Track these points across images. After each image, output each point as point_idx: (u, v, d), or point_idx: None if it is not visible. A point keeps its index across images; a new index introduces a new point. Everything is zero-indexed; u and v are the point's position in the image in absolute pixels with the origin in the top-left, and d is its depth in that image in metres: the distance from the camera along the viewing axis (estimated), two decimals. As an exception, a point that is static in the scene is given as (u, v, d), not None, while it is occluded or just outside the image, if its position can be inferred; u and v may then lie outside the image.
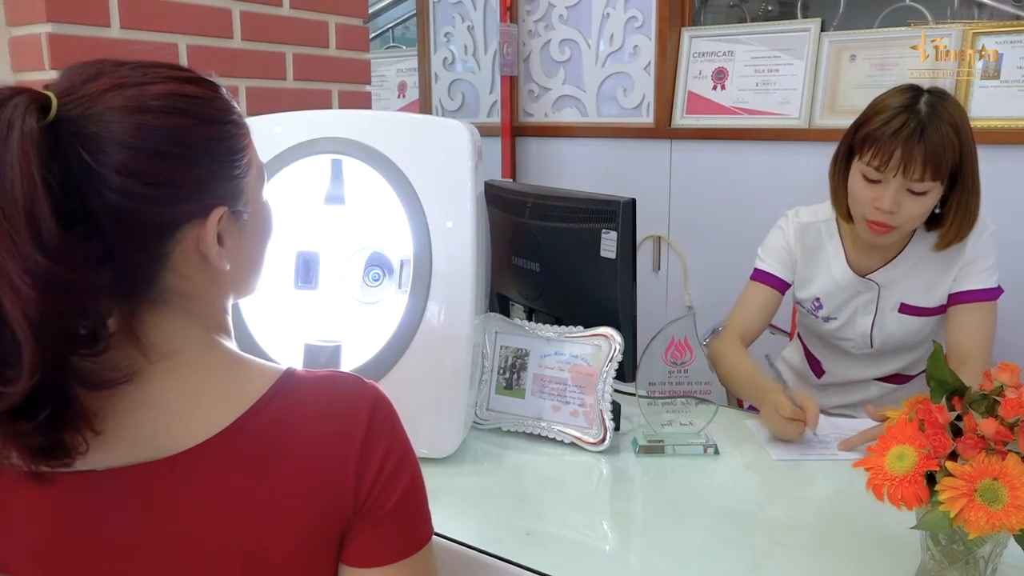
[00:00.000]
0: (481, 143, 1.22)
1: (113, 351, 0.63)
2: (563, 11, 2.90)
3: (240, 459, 0.65)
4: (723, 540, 1.01)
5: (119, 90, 0.61)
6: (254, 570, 0.65)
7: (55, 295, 0.56)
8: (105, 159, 0.59)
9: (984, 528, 0.74)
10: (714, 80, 2.66)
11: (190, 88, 0.65)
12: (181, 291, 0.67)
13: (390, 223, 1.20)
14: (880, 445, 0.83)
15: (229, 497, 0.65)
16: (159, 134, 0.61)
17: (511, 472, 1.19)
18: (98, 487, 0.64)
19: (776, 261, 1.56)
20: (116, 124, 0.59)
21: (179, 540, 0.65)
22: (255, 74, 1.81)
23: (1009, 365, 0.82)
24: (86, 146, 0.58)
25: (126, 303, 0.65)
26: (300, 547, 0.66)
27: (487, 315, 1.33)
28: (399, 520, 0.70)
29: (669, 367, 1.24)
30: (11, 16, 1.51)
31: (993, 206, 2.19)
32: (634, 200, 1.26)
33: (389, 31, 3.70)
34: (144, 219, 0.62)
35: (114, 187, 0.59)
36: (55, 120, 0.58)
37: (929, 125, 1.29)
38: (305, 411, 0.68)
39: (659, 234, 2.79)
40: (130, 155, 0.59)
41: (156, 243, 0.64)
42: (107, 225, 0.59)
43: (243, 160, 0.69)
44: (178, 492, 0.65)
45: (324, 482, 0.66)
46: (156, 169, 0.61)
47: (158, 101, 0.62)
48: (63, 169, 0.57)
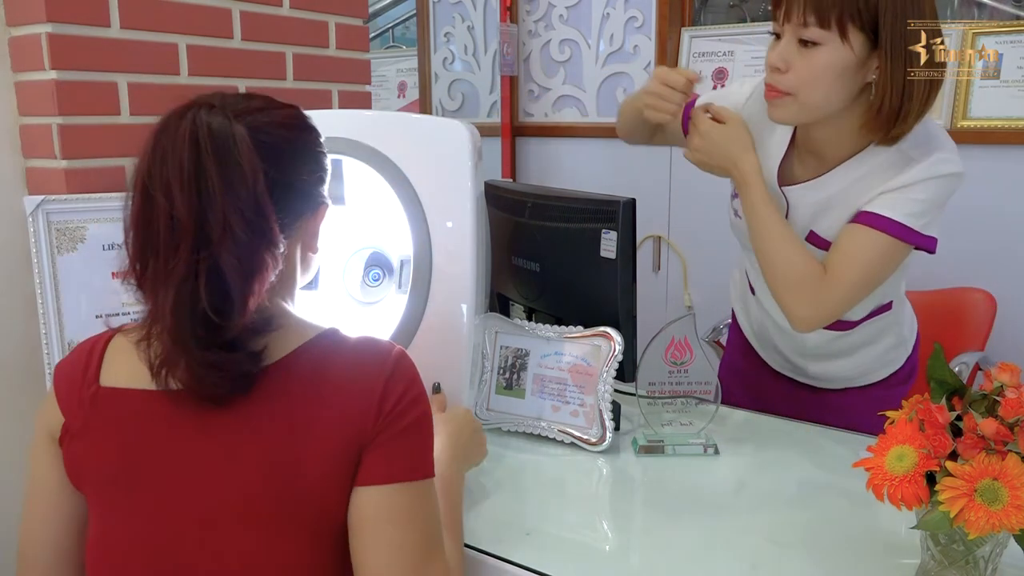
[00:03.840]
0: (481, 143, 1.22)
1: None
2: (563, 11, 2.90)
3: (289, 383, 0.78)
4: (723, 540, 1.01)
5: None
6: (291, 480, 0.76)
7: (264, 244, 0.75)
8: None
9: (984, 528, 0.74)
10: (714, 80, 2.65)
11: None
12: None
13: (390, 223, 1.20)
14: (880, 445, 0.83)
15: (278, 414, 0.77)
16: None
17: (511, 472, 1.19)
18: (179, 402, 0.77)
19: (721, 98, 1.33)
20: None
21: (237, 449, 0.77)
22: (255, 74, 1.81)
23: (1009, 365, 0.82)
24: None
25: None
26: (329, 462, 0.77)
27: (487, 315, 1.33)
28: (405, 443, 0.80)
29: (669, 367, 1.24)
30: (11, 16, 1.51)
31: (993, 206, 2.20)
32: (634, 200, 1.26)
33: (389, 31, 3.70)
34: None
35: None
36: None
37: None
38: (344, 354, 0.81)
39: (659, 234, 2.79)
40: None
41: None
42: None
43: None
44: (239, 407, 0.77)
45: (353, 408, 0.78)
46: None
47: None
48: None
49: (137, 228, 0.76)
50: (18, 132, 1.57)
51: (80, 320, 1.49)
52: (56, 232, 1.47)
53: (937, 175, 1.15)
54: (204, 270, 0.72)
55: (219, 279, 0.73)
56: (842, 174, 1.21)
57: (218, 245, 0.72)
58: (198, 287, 0.72)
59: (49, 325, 1.46)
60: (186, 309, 0.73)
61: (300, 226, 0.84)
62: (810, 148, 1.25)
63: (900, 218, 1.15)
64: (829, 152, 1.23)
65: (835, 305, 1.20)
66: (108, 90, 1.56)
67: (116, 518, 0.80)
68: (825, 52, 1.10)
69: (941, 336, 1.53)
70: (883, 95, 1.11)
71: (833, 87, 1.13)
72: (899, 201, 1.16)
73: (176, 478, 0.78)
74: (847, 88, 1.13)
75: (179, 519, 0.78)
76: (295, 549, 0.78)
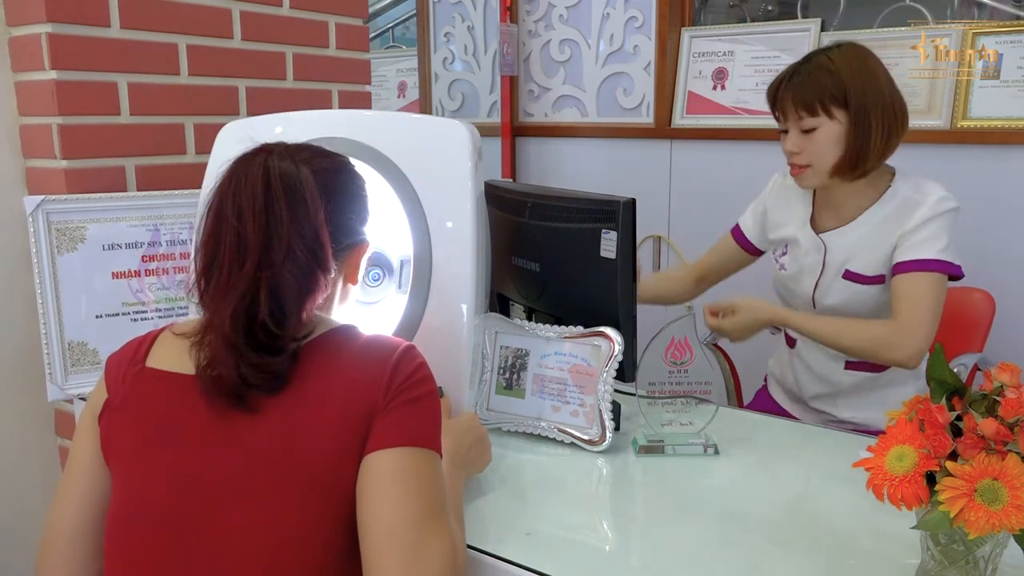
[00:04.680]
0: (481, 143, 1.22)
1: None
2: (563, 11, 2.90)
3: (305, 365, 0.85)
4: (723, 540, 1.01)
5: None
6: (300, 451, 0.82)
7: (320, 268, 0.87)
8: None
9: (984, 528, 0.74)
10: (714, 80, 2.66)
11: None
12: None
13: (390, 223, 1.20)
14: (880, 445, 0.83)
15: (292, 391, 0.84)
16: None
17: (511, 472, 1.19)
18: (210, 386, 0.84)
19: (750, 215, 1.72)
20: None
21: (250, 424, 0.83)
22: (255, 74, 1.81)
23: (1009, 365, 0.82)
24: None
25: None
26: (338, 432, 0.82)
27: (487, 315, 1.33)
28: (414, 411, 0.85)
29: (669, 367, 1.24)
30: (11, 16, 1.51)
31: (993, 206, 2.20)
32: (634, 200, 1.26)
33: (389, 31, 3.70)
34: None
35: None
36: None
37: (799, 70, 1.46)
38: (358, 341, 0.90)
39: (659, 234, 2.79)
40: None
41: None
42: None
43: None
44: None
45: (364, 381, 0.85)
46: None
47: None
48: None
49: (207, 247, 0.86)
50: (18, 132, 1.57)
51: (80, 320, 1.50)
52: (56, 232, 1.47)
53: (943, 211, 1.43)
54: (266, 287, 0.83)
55: (278, 295, 0.84)
56: (863, 220, 1.51)
57: (280, 266, 0.84)
58: (258, 300, 0.83)
59: (49, 325, 1.47)
60: (243, 318, 0.83)
61: (345, 259, 0.95)
62: (831, 204, 1.56)
63: (935, 255, 1.42)
64: (846, 205, 1.54)
65: (924, 338, 1.42)
66: (108, 90, 1.56)
67: (133, 488, 0.85)
68: (822, 131, 1.45)
69: (940, 336, 1.53)
70: (854, 152, 1.44)
71: (834, 152, 1.45)
72: (926, 243, 1.43)
73: (191, 450, 0.84)
74: (842, 149, 1.45)
75: (191, 489, 0.83)
76: (301, 520, 0.81)
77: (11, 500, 1.59)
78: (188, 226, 1.59)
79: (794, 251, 1.61)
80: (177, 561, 0.81)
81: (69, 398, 1.49)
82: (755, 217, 1.71)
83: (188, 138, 1.70)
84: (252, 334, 0.83)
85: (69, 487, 0.91)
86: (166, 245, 1.58)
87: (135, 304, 1.55)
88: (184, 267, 1.58)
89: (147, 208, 1.56)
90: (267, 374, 0.83)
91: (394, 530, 0.79)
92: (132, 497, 0.85)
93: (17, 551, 1.58)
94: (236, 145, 0.91)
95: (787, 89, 1.46)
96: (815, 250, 1.57)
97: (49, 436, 1.64)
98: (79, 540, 0.90)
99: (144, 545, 0.83)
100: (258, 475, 0.82)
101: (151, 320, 1.56)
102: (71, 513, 0.90)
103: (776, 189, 1.68)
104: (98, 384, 0.93)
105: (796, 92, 1.45)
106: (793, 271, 1.61)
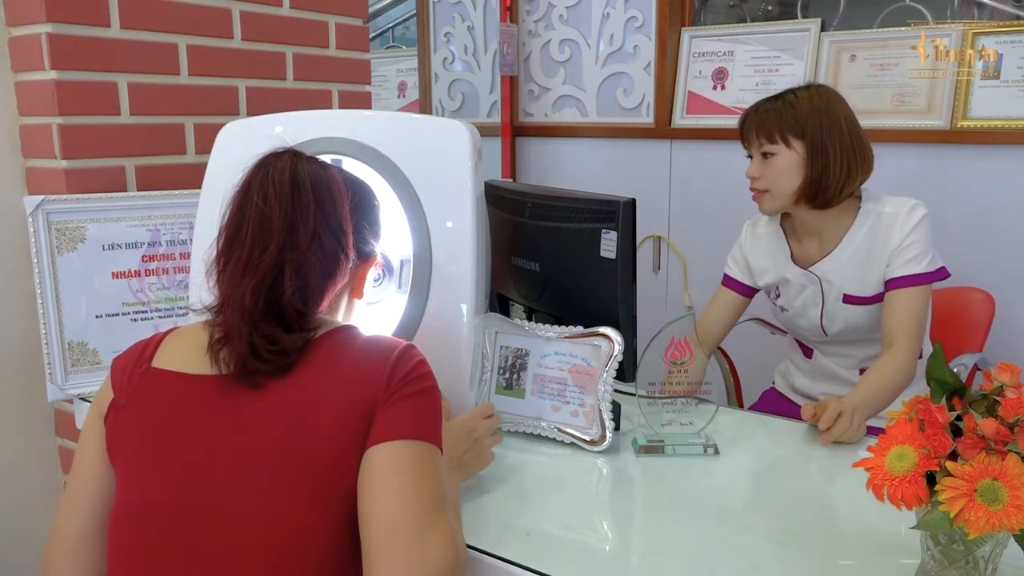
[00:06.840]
0: (481, 143, 1.22)
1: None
2: (563, 11, 2.90)
3: (308, 361, 0.87)
4: (723, 540, 1.01)
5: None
6: (302, 445, 0.83)
7: (343, 253, 0.91)
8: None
9: (984, 528, 0.74)
10: (714, 80, 2.66)
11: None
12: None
13: (390, 223, 1.20)
14: (880, 445, 0.83)
15: (294, 386, 0.85)
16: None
17: (511, 472, 1.19)
18: (214, 384, 0.87)
19: (734, 263, 1.74)
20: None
21: (253, 418, 0.84)
22: (255, 74, 1.81)
23: (1009, 365, 0.82)
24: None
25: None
26: (340, 426, 0.83)
27: (487, 315, 1.33)
28: (415, 405, 0.86)
29: (669, 367, 1.24)
30: (11, 16, 1.51)
31: (993, 206, 2.20)
32: (634, 200, 1.26)
33: (389, 31, 3.70)
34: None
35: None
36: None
37: (763, 105, 1.56)
38: (359, 340, 0.91)
39: (659, 234, 2.79)
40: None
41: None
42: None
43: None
44: (270, 381, 0.86)
45: (365, 377, 0.85)
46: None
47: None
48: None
49: (230, 228, 0.89)
50: (18, 132, 1.57)
51: (80, 320, 1.49)
52: (56, 232, 1.47)
53: (919, 219, 1.51)
54: (291, 267, 0.86)
55: (303, 275, 0.87)
56: (845, 244, 1.57)
57: (306, 250, 0.87)
58: (283, 279, 0.86)
59: (49, 325, 1.46)
60: (266, 295, 0.86)
61: (356, 268, 0.97)
62: (811, 235, 1.62)
63: (921, 270, 1.50)
64: (826, 232, 1.59)
65: (918, 348, 1.50)
66: (108, 90, 1.56)
67: (137, 486, 0.86)
68: (779, 158, 1.53)
69: (940, 336, 1.54)
70: (807, 171, 1.52)
71: (791, 179, 1.53)
72: (917, 258, 1.50)
73: (194, 445, 0.85)
74: (801, 177, 1.53)
75: (194, 487, 0.83)
76: (303, 518, 0.81)
77: (11, 500, 1.59)
78: (188, 226, 1.59)
79: (787, 291, 1.66)
80: (180, 558, 0.82)
81: (69, 398, 1.49)
82: (739, 264, 1.73)
83: (188, 138, 1.70)
84: (273, 311, 0.86)
85: (76, 488, 0.91)
86: (166, 245, 1.58)
87: (135, 304, 1.55)
88: (184, 267, 1.58)
89: (147, 208, 1.56)
90: (276, 350, 0.85)
91: (397, 522, 0.80)
92: (136, 495, 0.86)
93: (18, 550, 1.58)
94: (236, 145, 0.92)
95: (753, 119, 1.57)
96: (810, 284, 1.61)
97: (49, 436, 1.64)
98: (86, 541, 0.90)
99: (147, 543, 0.83)
100: (261, 471, 0.82)
101: (151, 320, 1.56)
102: (78, 514, 0.91)
103: (749, 239, 1.73)
104: (104, 385, 0.94)
105: (760, 121, 1.55)
106: (795, 309, 1.65)
